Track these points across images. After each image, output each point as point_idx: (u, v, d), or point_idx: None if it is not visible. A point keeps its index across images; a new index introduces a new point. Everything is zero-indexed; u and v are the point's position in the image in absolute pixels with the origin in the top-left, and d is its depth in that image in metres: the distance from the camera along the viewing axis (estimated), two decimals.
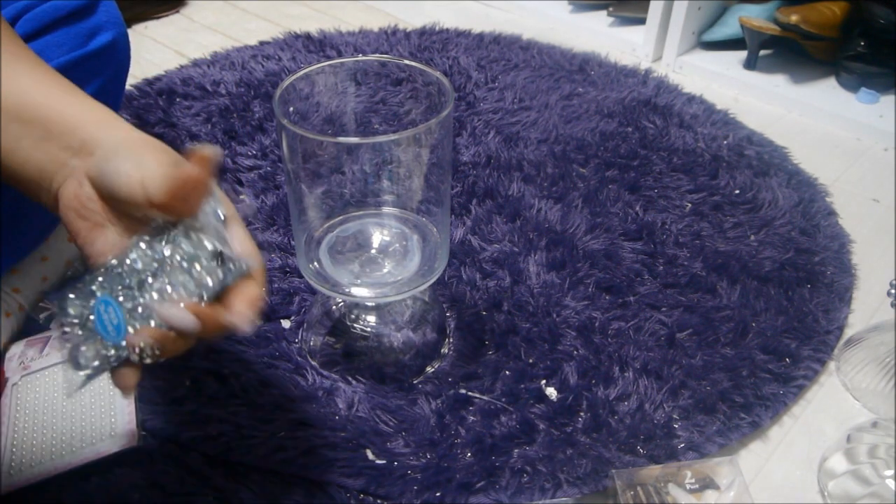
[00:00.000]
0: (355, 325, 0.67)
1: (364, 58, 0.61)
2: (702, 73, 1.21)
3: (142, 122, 0.98)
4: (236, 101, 1.02)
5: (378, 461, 0.58)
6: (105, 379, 0.60)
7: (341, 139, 0.59)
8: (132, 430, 0.57)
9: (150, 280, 0.37)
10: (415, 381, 0.64)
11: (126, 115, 0.98)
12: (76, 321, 0.38)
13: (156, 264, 0.37)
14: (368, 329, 0.67)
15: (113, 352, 0.37)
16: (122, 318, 0.37)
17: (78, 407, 0.59)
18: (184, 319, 0.36)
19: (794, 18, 1.10)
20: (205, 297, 0.37)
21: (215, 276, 0.37)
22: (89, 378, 0.37)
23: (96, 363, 0.37)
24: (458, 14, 1.40)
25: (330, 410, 0.61)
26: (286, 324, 0.69)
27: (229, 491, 0.55)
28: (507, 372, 0.66)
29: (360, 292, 0.59)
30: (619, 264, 0.78)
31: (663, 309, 0.73)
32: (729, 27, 1.22)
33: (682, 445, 0.60)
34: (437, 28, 1.27)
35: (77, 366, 0.37)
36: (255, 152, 0.93)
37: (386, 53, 1.19)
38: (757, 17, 1.18)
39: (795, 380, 0.67)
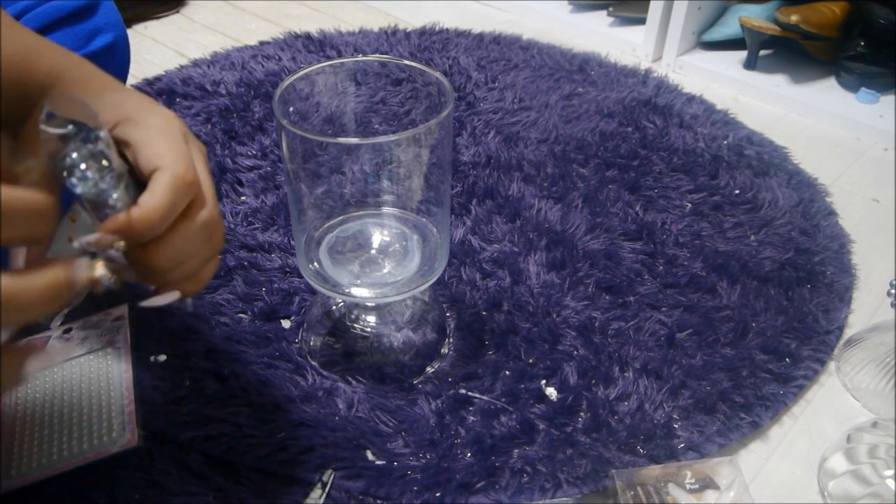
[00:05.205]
0: (355, 325, 0.67)
1: (364, 58, 0.61)
2: (702, 73, 1.21)
3: None
4: (236, 101, 1.02)
5: (378, 462, 0.58)
6: (105, 380, 0.61)
7: (341, 140, 0.59)
8: (132, 430, 0.57)
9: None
10: (415, 382, 0.64)
11: None
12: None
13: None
14: (368, 329, 0.67)
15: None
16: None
17: (78, 407, 0.59)
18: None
19: (794, 18, 1.10)
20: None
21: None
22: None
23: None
24: (458, 14, 1.40)
25: (330, 411, 0.61)
26: (286, 324, 0.70)
27: (229, 491, 0.55)
28: (507, 372, 0.66)
29: (360, 292, 0.59)
30: (619, 264, 0.78)
31: (663, 309, 0.73)
32: (729, 27, 1.22)
33: (682, 445, 0.60)
34: (437, 28, 1.27)
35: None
36: (255, 152, 0.93)
37: (386, 53, 1.19)
38: (757, 17, 1.18)
39: (795, 380, 0.67)
